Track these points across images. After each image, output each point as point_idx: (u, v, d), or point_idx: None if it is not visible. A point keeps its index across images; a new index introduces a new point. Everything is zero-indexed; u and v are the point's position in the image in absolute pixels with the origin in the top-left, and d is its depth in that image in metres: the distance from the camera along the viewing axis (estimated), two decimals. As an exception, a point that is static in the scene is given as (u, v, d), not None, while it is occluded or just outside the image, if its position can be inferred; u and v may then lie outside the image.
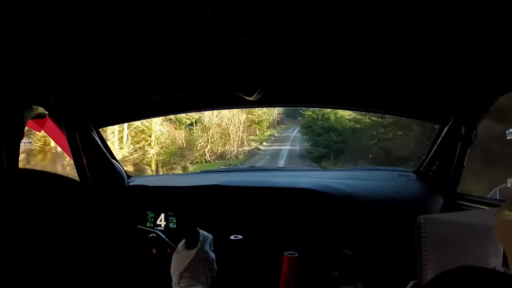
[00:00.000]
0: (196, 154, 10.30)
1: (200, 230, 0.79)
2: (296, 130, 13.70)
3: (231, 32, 0.67)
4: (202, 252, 0.75)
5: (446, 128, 1.11)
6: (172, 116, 8.64)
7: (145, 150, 8.77)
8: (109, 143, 1.38)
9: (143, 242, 1.10)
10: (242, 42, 0.69)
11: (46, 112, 0.90)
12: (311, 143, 10.90)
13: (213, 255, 0.77)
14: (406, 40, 0.77)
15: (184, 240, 0.79)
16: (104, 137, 1.31)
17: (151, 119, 7.82)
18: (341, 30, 0.72)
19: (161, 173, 8.78)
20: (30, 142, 1.38)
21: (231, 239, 1.02)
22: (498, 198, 1.59)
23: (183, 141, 10.19)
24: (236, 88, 0.94)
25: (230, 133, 11.29)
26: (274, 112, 14.56)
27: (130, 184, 1.34)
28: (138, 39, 0.76)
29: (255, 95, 0.87)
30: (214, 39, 0.71)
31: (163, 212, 1.21)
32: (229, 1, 0.63)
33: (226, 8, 0.64)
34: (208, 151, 10.63)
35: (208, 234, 0.81)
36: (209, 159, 10.58)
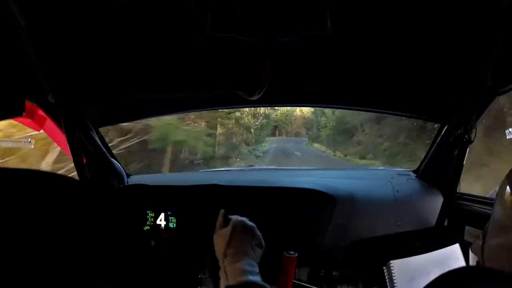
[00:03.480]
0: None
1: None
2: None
3: (231, 32, 0.67)
4: (238, 223, 0.71)
5: (446, 128, 1.11)
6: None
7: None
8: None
9: (142, 239, 1.11)
10: (243, 41, 0.69)
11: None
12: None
13: (250, 223, 0.74)
14: (406, 39, 0.77)
15: (218, 220, 0.77)
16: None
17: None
18: (341, 30, 0.72)
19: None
20: (30, 141, 1.37)
21: None
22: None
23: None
24: (237, 88, 0.93)
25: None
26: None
27: (130, 183, 1.34)
28: (138, 38, 0.76)
29: (255, 94, 0.87)
30: (214, 38, 0.71)
31: (163, 212, 1.20)
32: (229, 1, 0.63)
33: (226, 7, 0.64)
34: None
35: (236, 215, 0.78)
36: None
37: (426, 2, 0.65)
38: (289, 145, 19.67)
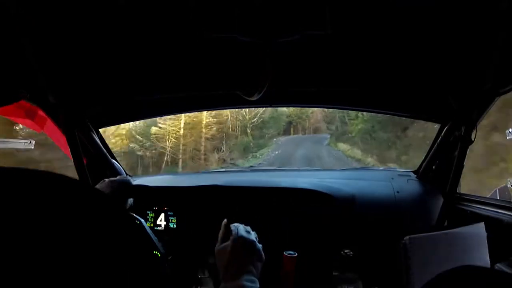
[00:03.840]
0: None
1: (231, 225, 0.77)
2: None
3: (231, 33, 0.67)
4: (238, 238, 0.71)
5: (446, 128, 1.11)
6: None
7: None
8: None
9: (146, 241, 1.09)
10: (243, 42, 0.69)
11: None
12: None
13: (252, 237, 0.74)
14: (406, 40, 0.77)
15: (221, 231, 0.77)
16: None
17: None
18: (341, 30, 0.72)
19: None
20: (30, 142, 1.37)
21: None
22: (498, 198, 1.59)
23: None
24: (237, 88, 0.94)
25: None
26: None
27: None
28: (138, 39, 0.76)
29: (255, 95, 0.87)
30: (214, 39, 0.71)
31: (163, 212, 1.20)
32: (229, 1, 0.63)
33: (226, 8, 0.64)
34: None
35: (238, 224, 0.78)
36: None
37: (426, 3, 0.66)
38: (303, 149, 13.45)
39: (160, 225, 1.20)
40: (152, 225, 1.20)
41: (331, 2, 0.64)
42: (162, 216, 1.20)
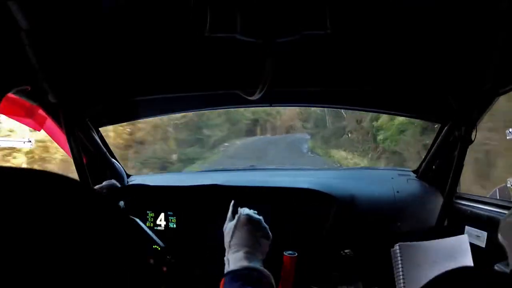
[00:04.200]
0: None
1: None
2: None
3: (231, 32, 0.67)
4: (244, 216, 0.74)
5: (446, 128, 1.11)
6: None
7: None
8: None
9: (144, 244, 1.09)
10: (243, 41, 0.69)
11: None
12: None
13: (257, 216, 0.76)
14: (407, 40, 0.77)
15: (229, 213, 0.80)
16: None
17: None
18: (341, 30, 0.72)
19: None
20: (30, 141, 1.37)
21: None
22: (498, 197, 1.60)
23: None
24: (237, 87, 0.93)
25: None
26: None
27: (130, 183, 1.34)
28: (138, 38, 0.76)
29: (255, 94, 0.87)
30: (214, 38, 0.71)
31: (163, 212, 1.20)
32: (229, 1, 0.63)
33: (226, 8, 0.64)
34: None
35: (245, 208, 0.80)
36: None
37: (426, 3, 0.66)
38: (266, 161, 9.10)
39: (160, 225, 1.20)
40: (152, 225, 1.20)
41: (331, 2, 0.64)
42: (162, 216, 1.20)
